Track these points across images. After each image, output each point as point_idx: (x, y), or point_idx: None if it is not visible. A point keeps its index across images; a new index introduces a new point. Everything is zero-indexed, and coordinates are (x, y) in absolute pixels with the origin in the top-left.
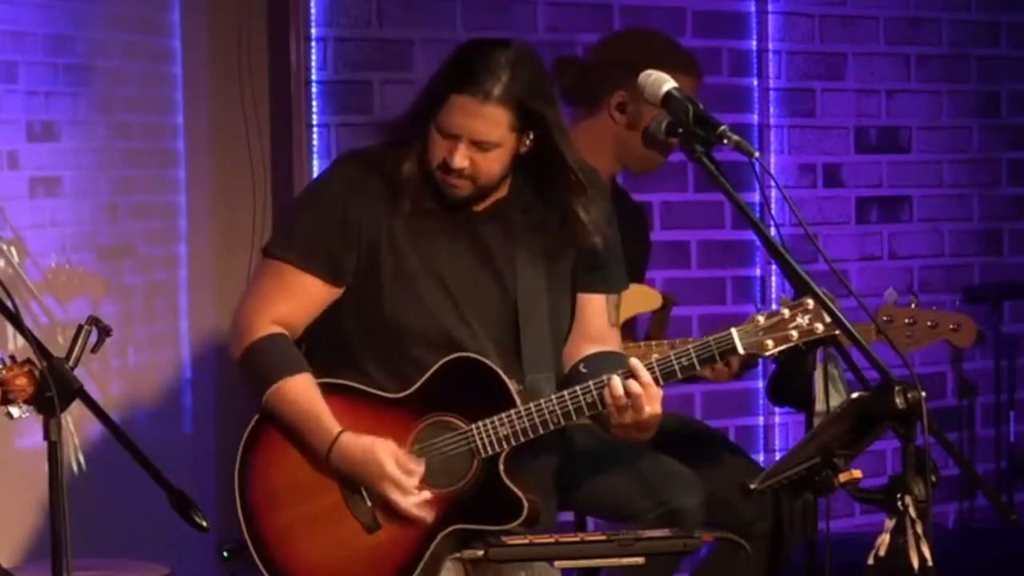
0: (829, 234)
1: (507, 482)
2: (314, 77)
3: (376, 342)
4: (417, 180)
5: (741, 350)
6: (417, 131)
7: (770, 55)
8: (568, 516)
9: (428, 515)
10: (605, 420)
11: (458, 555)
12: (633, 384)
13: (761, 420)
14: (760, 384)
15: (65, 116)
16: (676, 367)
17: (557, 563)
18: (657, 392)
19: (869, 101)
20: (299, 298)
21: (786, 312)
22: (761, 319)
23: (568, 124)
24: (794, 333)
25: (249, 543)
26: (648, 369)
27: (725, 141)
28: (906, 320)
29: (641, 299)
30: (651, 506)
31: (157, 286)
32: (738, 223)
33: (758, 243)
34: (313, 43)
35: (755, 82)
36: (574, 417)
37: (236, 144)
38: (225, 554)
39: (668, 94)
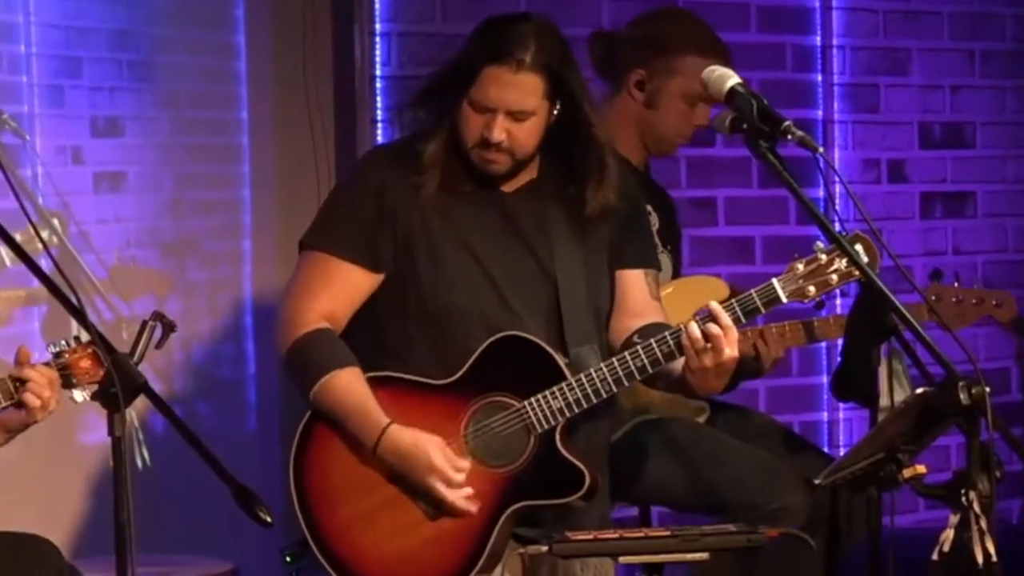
0: (893, 230)
1: (566, 454)
2: (378, 72)
3: (418, 329)
4: (447, 162)
5: (784, 298)
6: (444, 113)
7: (834, 50)
8: (632, 511)
9: (473, 508)
10: (676, 377)
11: (522, 550)
12: (713, 326)
13: (825, 415)
14: (824, 379)
15: (129, 112)
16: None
17: (621, 559)
18: (736, 335)
19: (933, 97)
20: (341, 288)
21: (823, 257)
22: (800, 267)
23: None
24: (834, 277)
25: (311, 542)
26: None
27: (789, 137)
28: (953, 299)
29: (709, 290)
30: (760, 502)
31: (221, 282)
32: (802, 219)
33: (822, 239)
34: (377, 38)
35: (819, 78)
36: (625, 382)
37: (300, 140)
38: (288, 559)
39: (732, 90)
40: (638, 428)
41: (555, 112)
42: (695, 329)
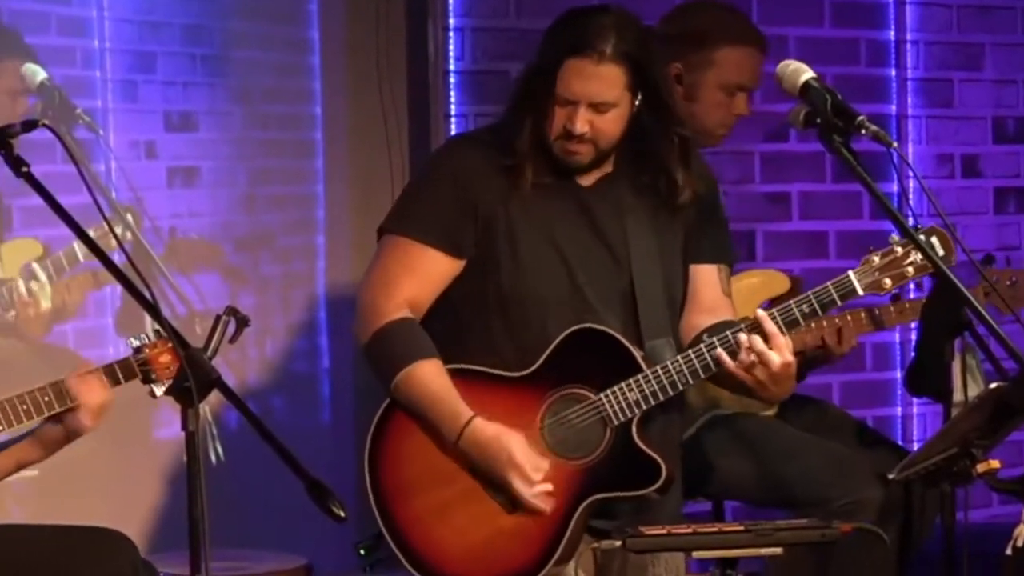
0: (967, 225)
1: (642, 446)
2: (452, 67)
3: (494, 318)
4: (532, 155)
5: (860, 291)
6: (528, 106)
7: (908, 45)
8: (706, 506)
9: (548, 507)
10: (740, 382)
11: (596, 545)
12: (756, 340)
13: (899, 410)
14: (898, 374)
15: (202, 106)
16: (797, 314)
17: (695, 553)
18: (784, 342)
19: (1007, 91)
20: (422, 274)
21: (899, 250)
22: (876, 259)
23: None
24: (910, 269)
25: (386, 534)
26: (772, 319)
27: (863, 132)
28: (1008, 281)
29: (770, 283)
30: (832, 497)
31: (295, 277)
32: (876, 213)
33: (896, 233)
34: (451, 33)
35: (893, 72)
36: (702, 374)
37: (374, 134)
38: (362, 552)
39: (806, 84)
40: (709, 424)
41: (637, 103)
42: (726, 359)
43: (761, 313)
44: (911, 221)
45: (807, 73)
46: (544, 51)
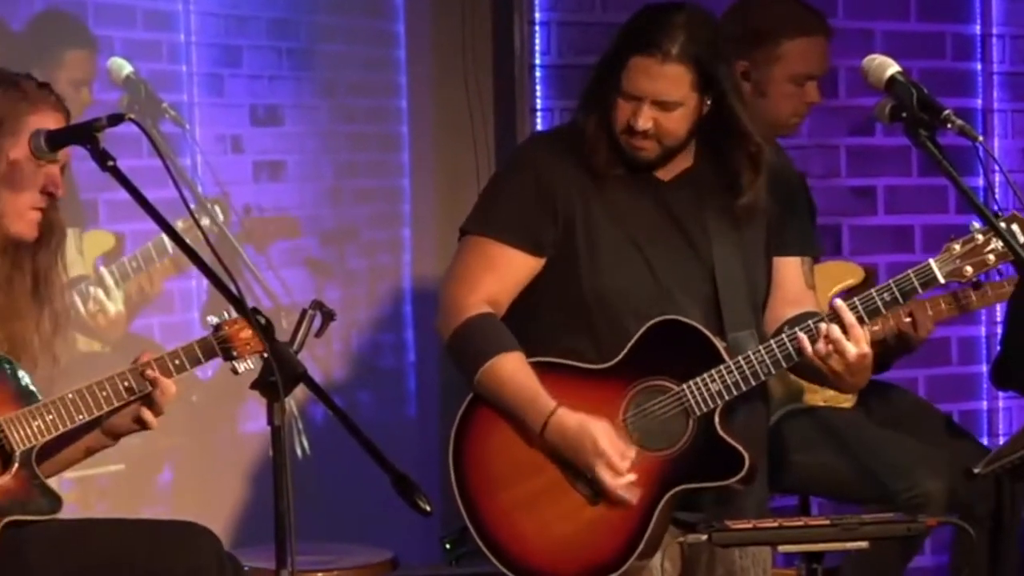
0: None
1: (725, 437)
2: (538, 61)
3: (574, 313)
4: (603, 147)
5: (941, 279)
6: (599, 100)
7: (994, 39)
8: (792, 500)
9: (633, 497)
10: (818, 371)
11: (681, 539)
12: (834, 328)
13: (985, 404)
14: (984, 368)
15: (288, 100)
16: (879, 303)
17: (781, 547)
18: (861, 333)
19: None
20: (503, 273)
21: (980, 238)
22: (956, 247)
23: None
24: (991, 257)
25: (471, 527)
26: (851, 308)
27: (949, 125)
28: None
29: (844, 273)
30: (899, 489)
31: (381, 270)
32: (962, 207)
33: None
34: (537, 27)
35: (979, 66)
36: (783, 364)
37: (460, 128)
38: (448, 546)
39: (892, 78)
40: (787, 416)
41: (707, 103)
42: (807, 345)
43: (839, 303)
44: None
45: (893, 67)
46: (613, 46)
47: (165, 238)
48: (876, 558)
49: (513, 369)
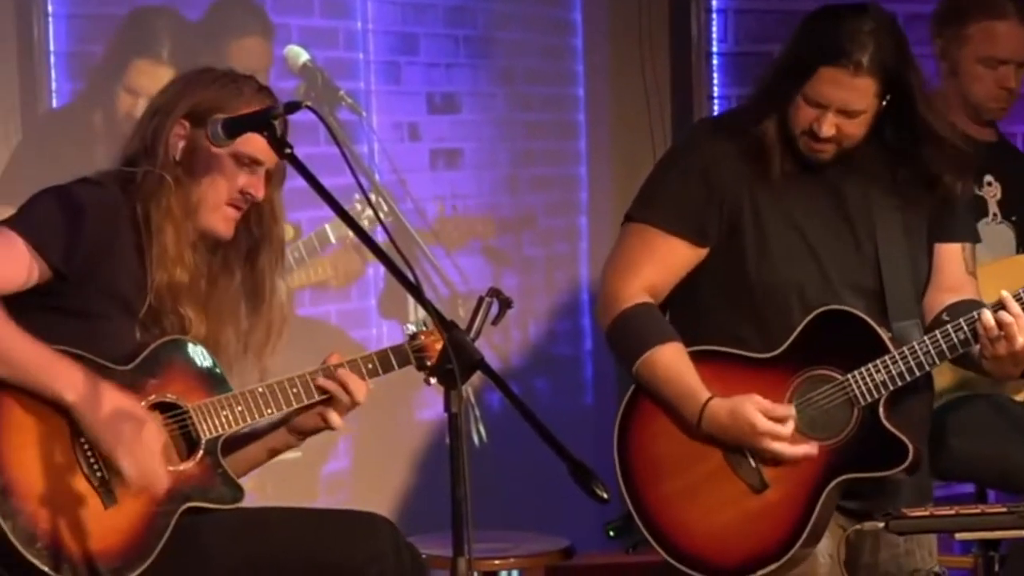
0: None
1: (890, 427)
2: (715, 49)
3: (737, 303)
4: (778, 143)
5: None
6: (779, 97)
7: None
8: (968, 487)
9: (812, 450)
10: (977, 360)
11: (859, 526)
12: (1004, 314)
13: None
14: None
15: (465, 88)
16: None
17: (958, 535)
18: None
19: None
20: (665, 262)
21: None
22: None
23: None
24: None
25: (634, 514)
26: (1017, 299)
27: None
28: None
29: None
30: None
31: (558, 258)
32: None
33: None
34: (714, 15)
35: None
36: (948, 355)
37: (637, 116)
38: (611, 533)
39: None
40: (948, 406)
41: (884, 103)
42: (989, 318)
43: (1006, 294)
44: None
45: None
46: (798, 52)
47: (328, 229)
48: None
49: (669, 361)
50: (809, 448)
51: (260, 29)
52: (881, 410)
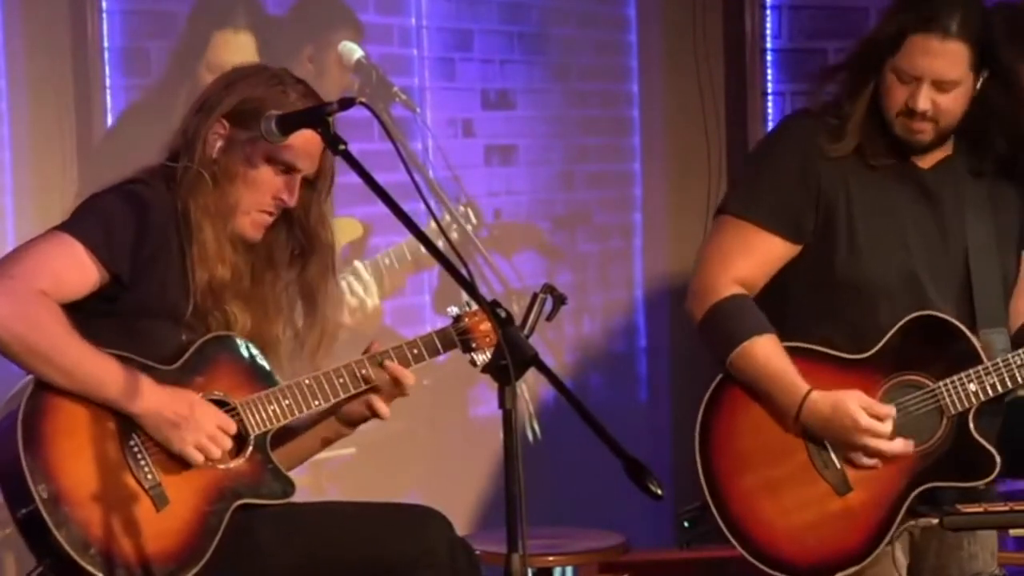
0: None
1: (979, 439)
2: (769, 45)
3: (830, 300)
4: (868, 133)
5: None
6: (865, 81)
7: None
8: (1021, 484)
9: (908, 447)
10: None
11: (912, 523)
12: None
13: None
14: None
15: (520, 84)
16: None
17: (1012, 531)
18: None
19: None
20: (760, 257)
21: None
22: None
23: None
24: None
25: (712, 507)
26: None
27: None
28: None
29: None
30: None
31: (612, 254)
32: None
33: None
34: (768, 11)
35: None
36: None
37: (691, 112)
38: (686, 524)
39: None
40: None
41: (979, 83)
42: None
43: None
44: None
45: None
46: (886, 25)
47: (406, 247)
48: None
49: (767, 352)
50: (906, 444)
51: (348, 29)
52: (971, 421)
